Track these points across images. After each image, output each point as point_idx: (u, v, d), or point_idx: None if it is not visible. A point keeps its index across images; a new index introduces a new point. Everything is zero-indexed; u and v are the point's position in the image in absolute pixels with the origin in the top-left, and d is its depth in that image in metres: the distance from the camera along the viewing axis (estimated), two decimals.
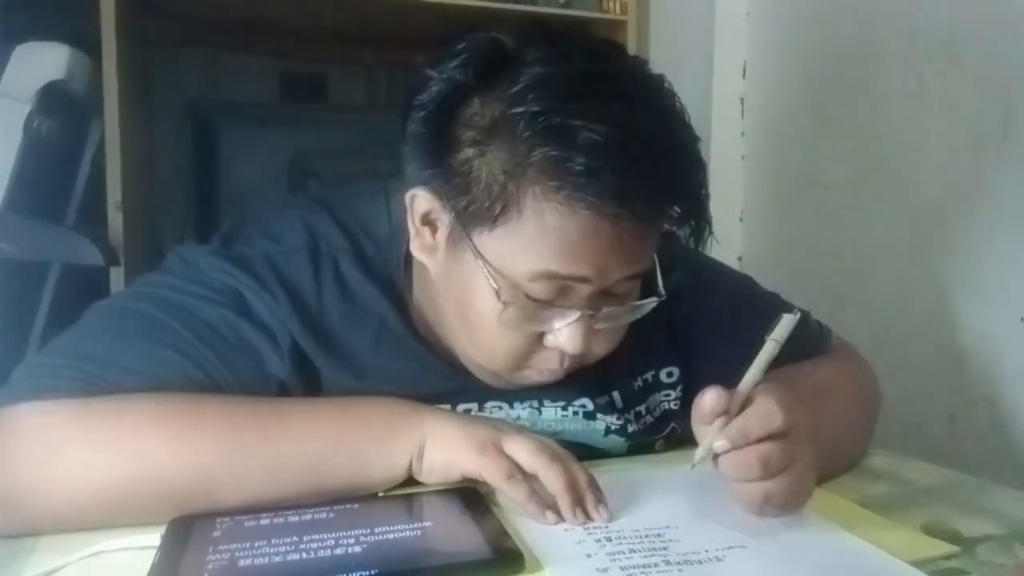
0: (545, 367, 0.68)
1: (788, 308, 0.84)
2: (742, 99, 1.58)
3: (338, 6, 1.60)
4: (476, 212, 0.61)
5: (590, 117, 0.57)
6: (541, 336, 0.66)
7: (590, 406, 0.74)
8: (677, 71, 1.66)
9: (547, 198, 0.58)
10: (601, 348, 0.68)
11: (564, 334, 0.64)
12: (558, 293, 0.62)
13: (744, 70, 1.57)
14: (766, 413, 0.56)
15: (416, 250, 0.68)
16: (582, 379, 0.72)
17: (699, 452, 0.57)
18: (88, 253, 1.23)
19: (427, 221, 0.66)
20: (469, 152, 0.61)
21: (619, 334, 0.69)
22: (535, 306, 0.63)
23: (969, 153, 1.08)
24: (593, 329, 0.65)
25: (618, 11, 1.68)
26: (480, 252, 0.62)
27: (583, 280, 0.62)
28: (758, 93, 1.55)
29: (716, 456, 0.56)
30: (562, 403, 0.74)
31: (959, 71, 1.10)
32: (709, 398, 0.56)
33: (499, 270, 0.62)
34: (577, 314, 0.63)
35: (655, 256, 0.66)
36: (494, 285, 0.62)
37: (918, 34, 1.16)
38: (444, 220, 0.65)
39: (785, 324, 0.62)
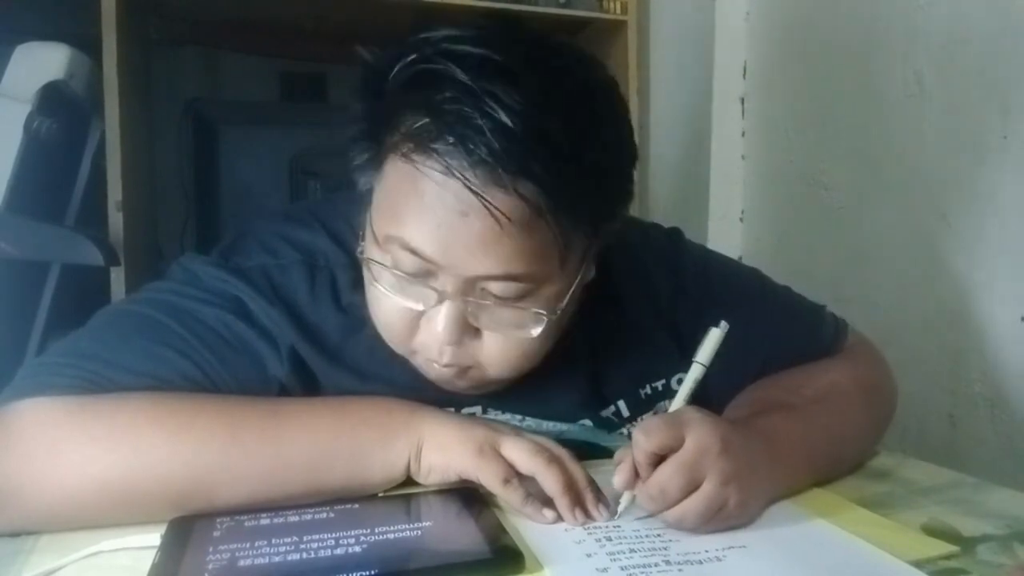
0: (426, 354, 0.65)
1: (799, 301, 0.84)
2: (742, 99, 1.58)
3: (338, 6, 1.60)
4: (360, 165, 0.63)
5: (464, 88, 0.54)
6: (420, 317, 0.64)
7: (590, 424, 0.74)
8: (677, 71, 1.68)
9: (398, 154, 0.59)
10: (491, 359, 0.64)
11: (436, 317, 0.62)
12: (422, 272, 0.60)
13: (744, 70, 1.57)
14: (659, 443, 0.57)
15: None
16: (583, 396, 0.71)
17: (621, 504, 0.60)
18: (88, 253, 1.22)
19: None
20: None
21: (514, 349, 0.64)
22: (404, 278, 0.61)
23: (969, 153, 1.08)
24: (469, 325, 0.62)
25: (618, 11, 1.69)
26: (371, 216, 0.63)
27: (432, 262, 0.59)
28: (758, 93, 1.55)
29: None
30: (564, 425, 0.73)
31: (959, 71, 1.10)
32: (617, 476, 0.59)
33: (373, 230, 0.63)
34: (441, 295, 0.61)
35: (564, 270, 0.62)
36: (362, 242, 0.64)
37: (918, 34, 1.16)
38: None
39: (710, 343, 0.62)
